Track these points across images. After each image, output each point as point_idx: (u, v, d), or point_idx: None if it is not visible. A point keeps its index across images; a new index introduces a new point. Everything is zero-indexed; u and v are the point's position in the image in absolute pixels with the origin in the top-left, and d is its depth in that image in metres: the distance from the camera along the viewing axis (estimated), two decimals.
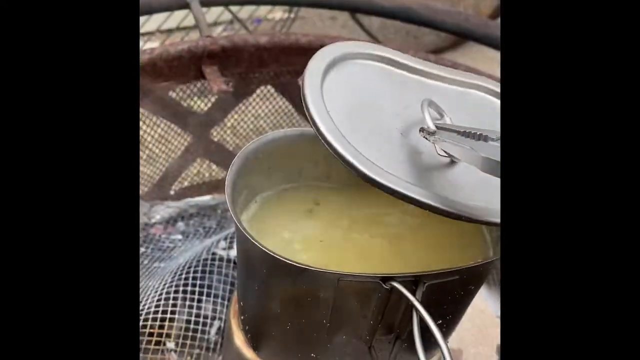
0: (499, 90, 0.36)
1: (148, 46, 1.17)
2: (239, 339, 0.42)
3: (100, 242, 0.25)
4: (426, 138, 0.32)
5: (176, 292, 0.63)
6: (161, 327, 0.61)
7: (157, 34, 1.44)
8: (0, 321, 0.23)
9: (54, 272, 0.24)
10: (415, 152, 0.32)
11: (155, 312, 0.61)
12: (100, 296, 0.25)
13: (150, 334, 0.60)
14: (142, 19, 1.08)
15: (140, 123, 0.74)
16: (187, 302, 0.63)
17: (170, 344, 0.62)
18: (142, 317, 0.59)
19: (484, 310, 0.62)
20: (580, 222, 0.23)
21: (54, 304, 0.24)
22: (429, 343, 0.31)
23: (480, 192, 0.32)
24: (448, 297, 0.34)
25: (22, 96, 0.24)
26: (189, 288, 0.63)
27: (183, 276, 0.64)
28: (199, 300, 0.63)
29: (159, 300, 0.62)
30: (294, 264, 0.31)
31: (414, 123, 0.34)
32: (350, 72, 0.34)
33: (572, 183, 0.23)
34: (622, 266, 0.22)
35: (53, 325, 0.24)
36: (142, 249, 0.75)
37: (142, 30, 1.35)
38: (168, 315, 0.61)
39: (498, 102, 0.37)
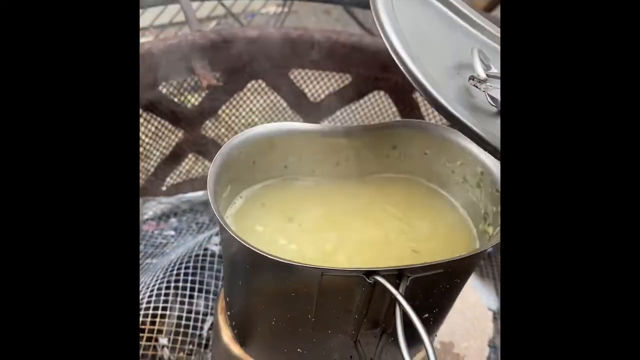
0: None
1: (141, 41, 1.16)
2: (226, 335, 0.42)
3: (101, 239, 0.25)
4: (476, 86, 0.32)
5: (167, 288, 0.63)
6: (153, 323, 0.61)
7: (151, 29, 1.43)
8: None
9: (55, 269, 0.24)
10: (469, 94, 0.32)
11: (147, 309, 0.60)
12: (101, 293, 0.25)
13: (142, 330, 0.60)
14: None
15: None
16: (179, 298, 0.63)
17: (163, 340, 0.62)
18: None
19: (476, 304, 0.62)
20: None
21: (55, 300, 0.24)
22: (415, 337, 0.30)
23: None
24: (433, 291, 0.34)
25: (23, 92, 0.24)
26: (180, 284, 0.63)
27: (174, 272, 0.64)
28: (191, 296, 0.63)
29: (150, 296, 0.62)
30: (276, 259, 0.30)
31: (464, 67, 0.33)
32: (411, 3, 0.35)
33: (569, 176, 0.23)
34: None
35: (53, 321, 0.24)
36: None
37: None
38: (159, 312, 0.61)
39: None
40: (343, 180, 0.42)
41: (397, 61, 0.31)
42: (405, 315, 0.31)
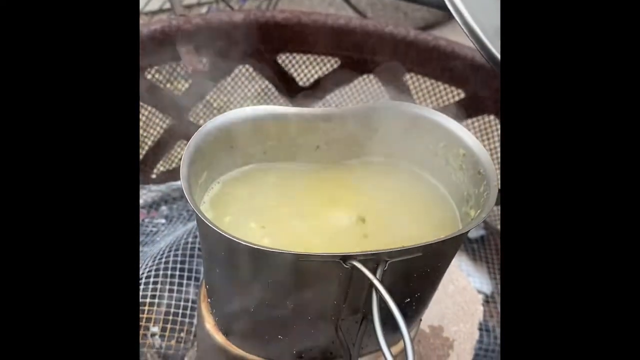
0: None
1: None
2: (209, 323, 0.41)
3: (101, 233, 0.25)
4: None
5: (157, 276, 0.62)
6: (143, 311, 0.61)
7: (143, 16, 1.41)
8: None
9: (55, 265, 0.24)
10: None
11: None
12: (101, 288, 0.25)
13: None
14: None
15: None
16: (168, 287, 0.62)
17: (154, 329, 0.62)
18: None
19: (466, 287, 0.62)
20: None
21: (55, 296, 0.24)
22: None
23: None
24: (414, 275, 0.34)
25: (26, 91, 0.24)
26: (169, 272, 0.63)
27: (163, 260, 0.64)
28: (181, 284, 0.63)
29: (140, 285, 0.61)
30: (251, 245, 0.30)
31: None
32: None
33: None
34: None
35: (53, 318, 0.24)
36: None
37: None
38: (148, 300, 0.60)
39: None
40: (324, 164, 0.41)
41: (456, 17, 0.35)
42: (383, 300, 0.30)
